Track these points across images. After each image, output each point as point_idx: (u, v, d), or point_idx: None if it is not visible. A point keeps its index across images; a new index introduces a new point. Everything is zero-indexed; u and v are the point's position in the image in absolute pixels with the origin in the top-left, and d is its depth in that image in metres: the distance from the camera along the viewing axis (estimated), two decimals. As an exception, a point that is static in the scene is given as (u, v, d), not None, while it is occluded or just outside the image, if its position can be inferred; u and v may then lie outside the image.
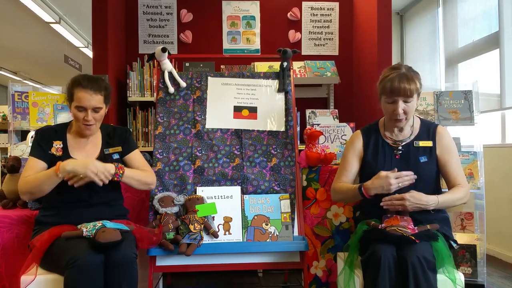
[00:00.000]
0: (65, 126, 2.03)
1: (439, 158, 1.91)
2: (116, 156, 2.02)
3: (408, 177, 1.78)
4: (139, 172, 2.00)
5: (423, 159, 1.90)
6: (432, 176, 1.91)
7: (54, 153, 1.90)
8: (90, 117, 1.87)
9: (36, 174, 1.83)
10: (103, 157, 1.98)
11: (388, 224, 1.76)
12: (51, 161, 1.89)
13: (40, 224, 1.89)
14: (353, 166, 2.01)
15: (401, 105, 1.83)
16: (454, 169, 1.91)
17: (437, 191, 1.93)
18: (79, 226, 1.77)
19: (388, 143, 1.98)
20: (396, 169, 1.81)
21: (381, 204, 1.77)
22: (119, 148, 2.04)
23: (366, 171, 1.98)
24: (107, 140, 2.04)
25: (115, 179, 1.85)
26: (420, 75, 1.91)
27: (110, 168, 1.83)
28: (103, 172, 1.78)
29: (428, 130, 1.97)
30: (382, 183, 1.79)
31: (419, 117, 2.04)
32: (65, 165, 1.77)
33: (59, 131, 1.98)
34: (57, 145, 1.92)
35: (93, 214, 1.85)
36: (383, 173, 1.80)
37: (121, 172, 1.87)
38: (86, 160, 1.85)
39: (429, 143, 1.92)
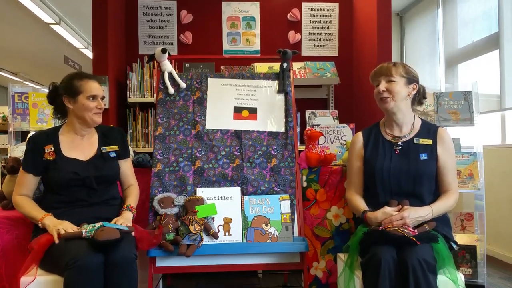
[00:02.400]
0: (57, 128, 2.04)
1: (439, 159, 1.92)
2: (113, 155, 2.04)
3: (410, 219, 1.78)
4: (135, 196, 2.11)
5: (423, 156, 1.92)
6: (432, 175, 1.92)
7: (48, 158, 1.91)
8: (101, 104, 1.99)
9: (27, 205, 1.88)
10: (101, 155, 2.00)
11: (388, 225, 1.76)
12: (47, 167, 1.90)
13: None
14: (358, 168, 2.06)
15: (383, 84, 1.94)
16: (450, 173, 1.94)
17: (436, 190, 1.94)
18: (78, 227, 1.76)
19: (387, 140, 2.01)
20: (400, 206, 1.84)
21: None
22: (116, 147, 2.07)
23: (366, 169, 2.02)
24: (103, 139, 2.06)
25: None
26: (412, 69, 2.00)
27: (129, 217, 1.94)
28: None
29: (429, 130, 1.99)
30: (384, 218, 1.81)
31: (420, 118, 2.06)
32: (46, 225, 1.78)
33: (50, 135, 1.98)
34: (49, 149, 1.93)
35: (92, 214, 1.86)
36: (388, 209, 1.83)
37: (134, 211, 2.02)
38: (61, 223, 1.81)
39: (429, 141, 1.94)
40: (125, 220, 1.88)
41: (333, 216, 2.37)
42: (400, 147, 1.96)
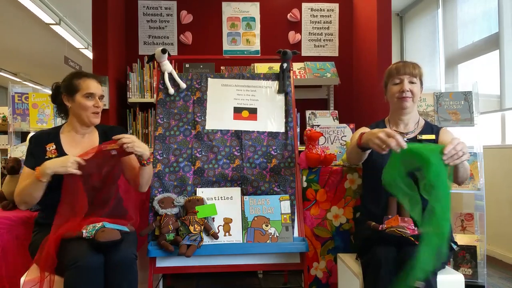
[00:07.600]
0: (58, 128, 2.04)
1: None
2: (113, 152, 2.03)
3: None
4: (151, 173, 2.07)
5: None
6: None
7: (50, 156, 1.91)
8: (100, 103, 1.96)
9: (24, 184, 1.82)
10: None
11: (389, 225, 1.76)
12: None
13: (39, 225, 1.88)
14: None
15: (407, 83, 1.95)
16: None
17: None
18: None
19: None
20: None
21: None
22: (116, 145, 2.04)
23: (369, 163, 2.01)
24: (104, 138, 2.05)
25: (145, 161, 1.92)
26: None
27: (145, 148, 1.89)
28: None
29: (432, 129, 2.02)
30: (377, 133, 1.67)
31: (424, 119, 2.08)
32: (45, 170, 1.74)
33: (51, 134, 1.99)
34: (50, 147, 1.93)
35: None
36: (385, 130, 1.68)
37: (151, 160, 1.99)
38: (63, 157, 1.80)
39: (432, 136, 1.97)
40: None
41: (333, 217, 2.37)
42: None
